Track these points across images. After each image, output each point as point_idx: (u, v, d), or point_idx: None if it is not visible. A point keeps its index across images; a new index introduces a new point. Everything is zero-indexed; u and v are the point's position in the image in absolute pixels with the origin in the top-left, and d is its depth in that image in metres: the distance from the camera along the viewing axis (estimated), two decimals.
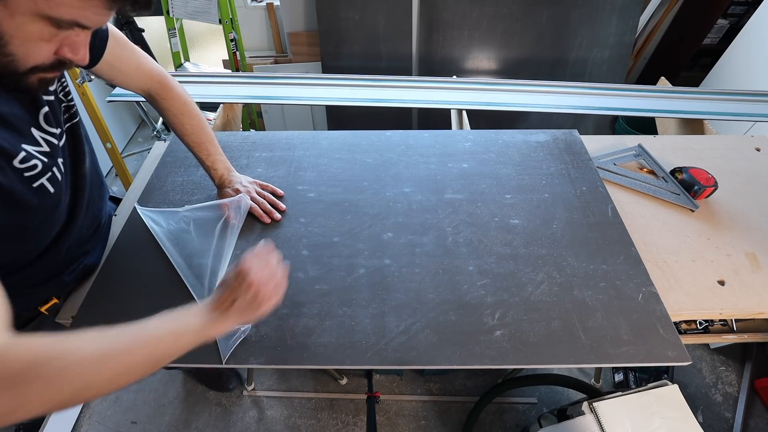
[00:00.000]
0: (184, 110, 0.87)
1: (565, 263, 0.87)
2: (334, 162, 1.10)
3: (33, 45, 0.46)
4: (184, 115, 0.87)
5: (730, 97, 1.52)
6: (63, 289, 0.83)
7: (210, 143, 0.91)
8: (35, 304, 0.77)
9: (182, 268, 0.84)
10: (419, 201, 1.00)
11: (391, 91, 1.54)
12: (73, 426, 1.46)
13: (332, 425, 1.48)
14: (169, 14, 2.12)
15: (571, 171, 1.08)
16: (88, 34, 0.50)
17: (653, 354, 0.73)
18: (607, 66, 2.15)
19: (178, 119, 0.87)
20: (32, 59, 0.48)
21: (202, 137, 0.90)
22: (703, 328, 1.01)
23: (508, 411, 1.50)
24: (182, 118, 0.87)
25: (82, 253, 0.83)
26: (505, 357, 0.73)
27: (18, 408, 0.41)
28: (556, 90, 1.55)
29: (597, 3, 1.98)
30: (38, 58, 0.48)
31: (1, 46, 0.45)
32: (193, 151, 0.91)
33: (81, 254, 0.83)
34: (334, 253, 0.89)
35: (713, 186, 1.04)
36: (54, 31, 0.46)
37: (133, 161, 2.56)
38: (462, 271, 0.86)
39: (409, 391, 1.56)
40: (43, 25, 0.45)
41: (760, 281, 0.88)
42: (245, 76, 1.61)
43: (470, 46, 2.11)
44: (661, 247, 0.95)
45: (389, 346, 0.74)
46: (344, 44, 2.13)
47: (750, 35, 2.01)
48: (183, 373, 1.61)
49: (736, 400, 1.51)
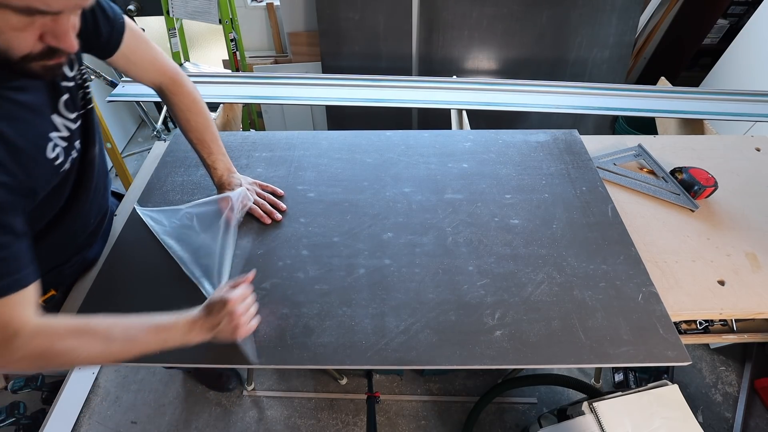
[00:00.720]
0: (192, 107, 0.88)
1: (565, 263, 0.87)
2: (334, 162, 1.10)
3: (11, 34, 0.46)
4: (191, 112, 0.88)
5: (730, 97, 1.52)
6: (62, 282, 0.85)
7: (213, 142, 0.92)
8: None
9: (188, 264, 0.84)
10: (419, 201, 1.00)
11: (391, 91, 1.54)
12: (73, 426, 1.46)
13: (332, 425, 1.48)
14: (169, 14, 2.12)
15: (571, 171, 1.08)
16: (66, 21, 0.49)
17: (653, 354, 0.73)
18: (607, 66, 2.15)
19: (185, 115, 0.88)
20: (17, 48, 0.48)
21: (206, 135, 0.90)
22: (703, 328, 1.01)
23: (508, 411, 1.50)
24: (189, 114, 0.88)
25: (86, 245, 0.85)
26: (505, 357, 0.73)
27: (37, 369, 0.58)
28: (556, 90, 1.55)
29: (597, 3, 1.98)
30: (23, 47, 0.48)
31: None
32: (196, 148, 0.91)
33: (85, 245, 0.85)
34: (334, 253, 0.89)
35: (713, 186, 1.04)
36: (23, 20, 0.46)
37: (133, 161, 2.56)
38: (462, 271, 0.86)
39: (409, 391, 1.56)
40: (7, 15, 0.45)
41: (760, 281, 0.88)
42: (245, 76, 1.61)
43: (470, 46, 2.11)
44: (661, 247, 0.95)
45: (389, 346, 0.74)
46: (344, 44, 2.13)
47: (750, 35, 2.01)
48: (183, 373, 1.61)
49: (736, 400, 1.51)
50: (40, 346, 0.55)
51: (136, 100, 1.54)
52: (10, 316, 0.53)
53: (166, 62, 0.85)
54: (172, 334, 0.63)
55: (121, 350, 0.60)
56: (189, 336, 0.64)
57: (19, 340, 0.53)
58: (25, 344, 0.54)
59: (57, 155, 0.62)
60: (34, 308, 0.56)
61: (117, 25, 0.72)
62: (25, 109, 0.57)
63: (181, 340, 0.64)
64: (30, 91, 0.58)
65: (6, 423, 1.32)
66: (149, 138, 2.70)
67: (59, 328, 0.57)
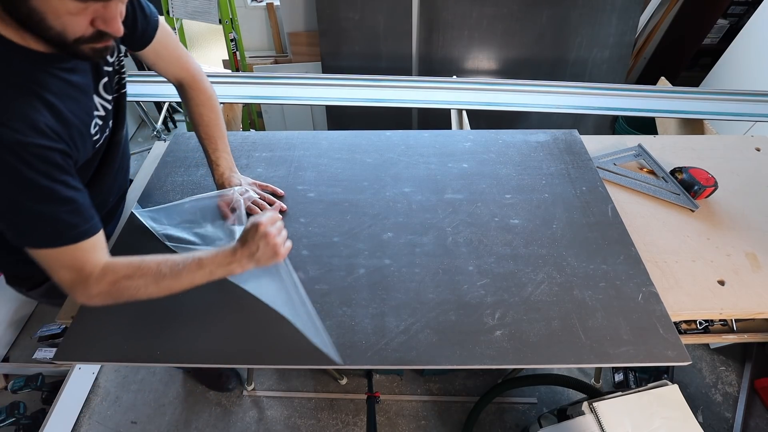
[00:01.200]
0: (206, 103, 0.93)
1: (565, 263, 0.87)
2: (334, 162, 1.10)
3: (66, 19, 0.52)
4: (204, 107, 0.92)
5: (730, 97, 1.52)
6: None
7: (220, 139, 0.94)
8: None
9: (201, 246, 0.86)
10: (419, 201, 1.00)
11: (391, 91, 1.54)
12: (73, 426, 1.46)
13: (332, 425, 1.48)
14: (169, 14, 2.12)
15: (571, 171, 1.08)
16: (115, 7, 0.55)
17: (653, 354, 0.73)
18: (607, 66, 2.15)
19: (199, 109, 0.92)
20: (71, 31, 0.53)
21: (215, 131, 0.93)
22: (703, 328, 1.01)
23: (508, 411, 1.50)
24: (202, 109, 0.92)
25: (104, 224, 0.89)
26: (505, 357, 0.73)
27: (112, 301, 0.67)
28: (556, 90, 1.55)
29: (597, 3, 1.98)
30: (77, 30, 0.54)
31: (41, 20, 0.51)
32: (203, 143, 0.94)
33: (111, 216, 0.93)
34: (334, 253, 0.89)
35: (713, 186, 1.04)
36: (78, 5, 0.51)
37: (133, 161, 2.53)
38: (462, 271, 0.86)
39: (409, 391, 1.56)
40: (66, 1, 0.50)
41: (760, 281, 0.88)
42: (245, 76, 1.61)
43: (470, 46, 2.11)
44: (661, 247, 0.95)
45: (389, 346, 0.74)
46: (344, 44, 2.13)
47: (750, 35, 2.01)
48: (183, 373, 1.61)
49: (736, 400, 1.51)
50: (109, 283, 0.65)
51: (136, 100, 1.55)
52: (87, 258, 0.63)
53: (190, 60, 0.91)
54: (215, 267, 0.69)
55: (171, 285, 0.68)
56: (231, 267, 0.70)
57: (94, 279, 0.64)
58: (98, 282, 0.64)
59: (96, 132, 0.70)
60: (104, 251, 0.66)
61: (152, 21, 0.79)
62: (75, 88, 0.64)
63: (226, 271, 0.70)
64: (79, 73, 0.64)
65: (6, 423, 1.32)
66: (149, 138, 2.70)
67: (121, 269, 0.66)
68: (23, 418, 1.36)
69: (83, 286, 0.64)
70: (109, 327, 0.77)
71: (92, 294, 0.65)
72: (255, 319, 0.78)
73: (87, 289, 0.64)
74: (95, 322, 0.78)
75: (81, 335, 0.76)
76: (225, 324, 0.77)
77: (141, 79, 1.56)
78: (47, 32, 0.53)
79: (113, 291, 0.66)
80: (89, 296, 0.65)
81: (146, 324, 0.77)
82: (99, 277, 0.64)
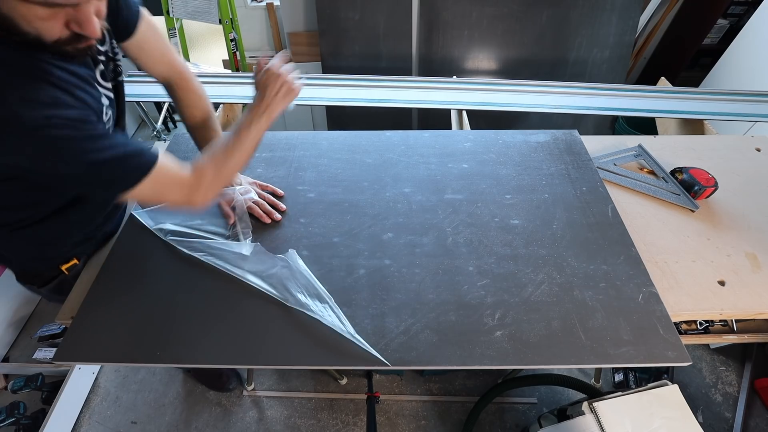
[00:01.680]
0: (198, 104, 0.91)
1: (565, 263, 0.87)
2: (334, 162, 1.10)
3: (38, 24, 0.50)
4: (197, 108, 0.91)
5: (730, 97, 1.52)
6: (84, 252, 0.92)
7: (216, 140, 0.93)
8: (60, 262, 0.86)
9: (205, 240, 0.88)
10: (419, 201, 1.00)
11: (391, 91, 1.54)
12: (73, 426, 1.46)
13: (332, 425, 1.48)
14: (169, 14, 2.13)
15: (571, 171, 1.08)
16: (88, 10, 0.53)
17: (653, 354, 0.73)
18: (607, 66, 2.15)
19: (191, 111, 0.91)
20: (48, 35, 0.52)
21: (210, 133, 0.92)
22: (704, 329, 1.01)
23: (508, 411, 1.50)
24: (194, 111, 0.91)
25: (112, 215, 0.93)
26: (505, 357, 0.73)
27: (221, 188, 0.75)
28: (556, 90, 1.55)
29: (597, 3, 1.98)
30: (53, 33, 0.52)
31: (14, 26, 0.50)
32: (199, 144, 0.93)
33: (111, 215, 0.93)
34: (334, 254, 0.89)
35: (713, 186, 1.04)
36: (46, 11, 0.50)
37: None
38: (462, 271, 0.86)
39: (409, 391, 1.56)
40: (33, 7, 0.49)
41: (760, 281, 0.88)
42: (245, 76, 1.61)
43: (470, 46, 2.11)
44: (661, 247, 0.95)
45: (389, 347, 0.74)
46: (344, 44, 2.13)
47: (750, 35, 2.01)
48: (183, 373, 1.61)
49: (736, 400, 1.51)
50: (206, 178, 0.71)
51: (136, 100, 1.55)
52: (176, 168, 0.68)
53: (176, 58, 0.88)
54: (254, 126, 0.75)
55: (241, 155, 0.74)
56: (263, 118, 0.76)
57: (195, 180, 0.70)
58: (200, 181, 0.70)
59: (108, 120, 0.70)
60: (180, 162, 0.70)
61: (134, 10, 0.77)
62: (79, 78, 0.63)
63: (264, 124, 0.76)
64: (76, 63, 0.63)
65: (6, 423, 1.32)
66: (149, 138, 2.68)
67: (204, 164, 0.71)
68: (23, 418, 1.36)
69: (195, 190, 0.69)
70: (109, 327, 0.77)
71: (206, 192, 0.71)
72: (255, 319, 0.78)
73: (199, 191, 0.70)
74: (95, 322, 0.78)
75: (81, 335, 0.76)
76: (225, 324, 0.77)
77: (141, 79, 1.56)
78: (24, 36, 0.52)
79: (213, 183, 0.71)
80: (205, 196, 0.71)
81: (146, 324, 0.77)
82: (198, 178, 0.70)
